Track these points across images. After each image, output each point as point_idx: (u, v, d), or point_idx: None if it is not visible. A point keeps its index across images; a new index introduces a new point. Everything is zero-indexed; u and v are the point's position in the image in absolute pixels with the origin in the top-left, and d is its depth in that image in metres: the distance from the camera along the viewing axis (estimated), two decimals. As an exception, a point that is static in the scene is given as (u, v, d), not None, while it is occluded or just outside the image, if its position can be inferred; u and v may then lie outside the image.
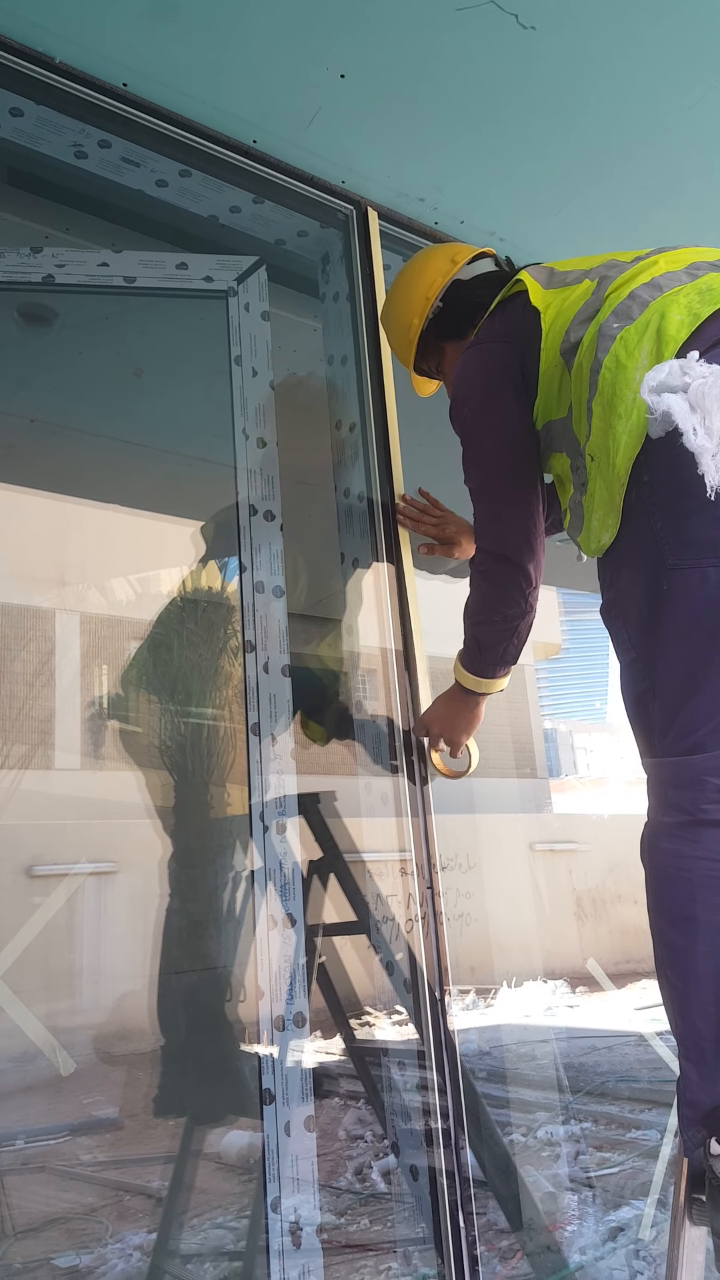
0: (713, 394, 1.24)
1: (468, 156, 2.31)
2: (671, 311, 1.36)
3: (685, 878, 1.32)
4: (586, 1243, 2.58)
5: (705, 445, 1.22)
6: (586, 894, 9.76)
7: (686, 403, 1.24)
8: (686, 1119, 1.28)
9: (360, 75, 2.06)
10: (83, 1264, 2.63)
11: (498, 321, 1.70)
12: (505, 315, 1.69)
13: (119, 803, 6.24)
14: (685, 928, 1.31)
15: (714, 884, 1.30)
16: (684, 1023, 1.31)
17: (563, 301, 1.56)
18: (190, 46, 1.97)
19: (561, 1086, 4.74)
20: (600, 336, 1.42)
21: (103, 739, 7.13)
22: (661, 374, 1.27)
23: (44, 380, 2.99)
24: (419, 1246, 2.30)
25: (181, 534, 3.10)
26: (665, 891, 1.35)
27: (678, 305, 1.37)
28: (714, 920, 1.29)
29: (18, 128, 2.04)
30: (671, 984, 1.33)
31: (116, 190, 2.24)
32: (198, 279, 2.24)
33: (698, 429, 1.23)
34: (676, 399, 1.25)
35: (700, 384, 1.25)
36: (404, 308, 1.91)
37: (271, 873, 1.85)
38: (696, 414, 1.23)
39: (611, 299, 1.46)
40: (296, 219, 2.37)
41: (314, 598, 2.41)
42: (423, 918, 1.89)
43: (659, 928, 1.36)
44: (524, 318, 1.62)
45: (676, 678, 1.36)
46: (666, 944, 1.34)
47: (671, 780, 1.37)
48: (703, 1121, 1.27)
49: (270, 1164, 1.67)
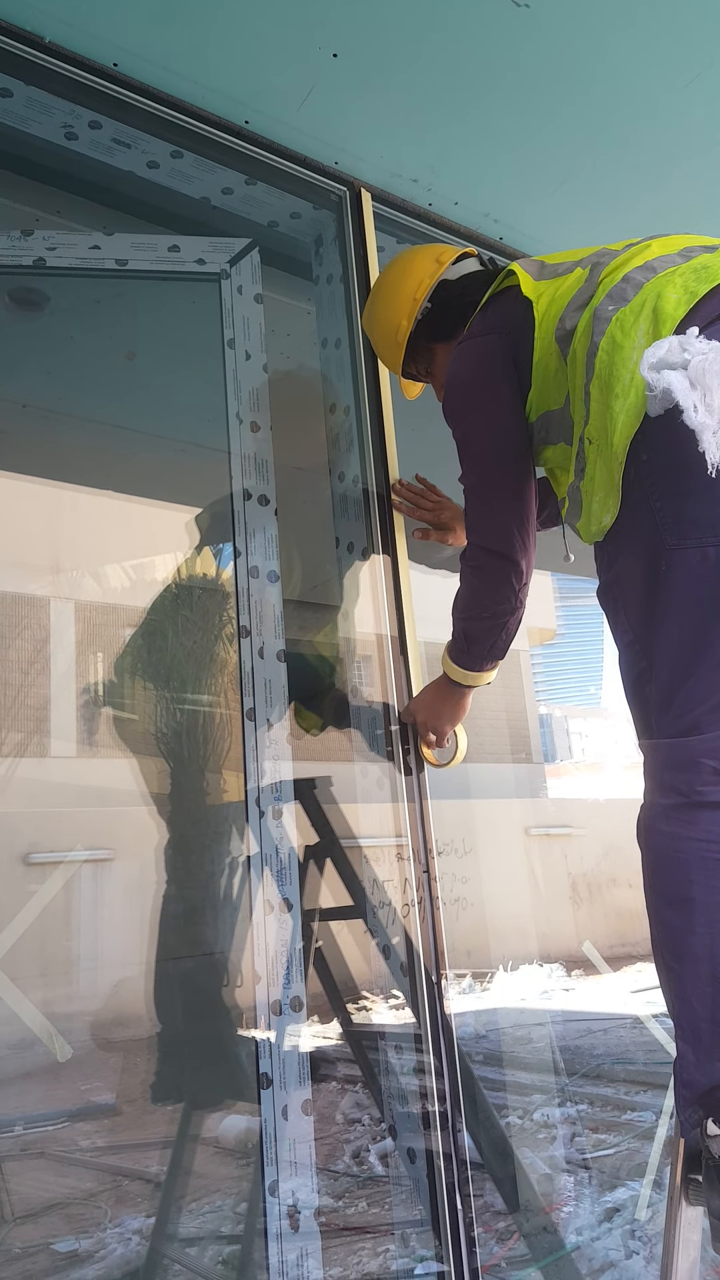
0: (713, 370, 1.23)
1: (462, 137, 2.29)
2: (668, 291, 1.35)
3: (681, 859, 1.33)
4: (583, 1223, 2.60)
5: (706, 422, 1.21)
6: (582, 878, 9.81)
7: (687, 379, 1.23)
8: (683, 1099, 1.29)
9: (353, 54, 2.04)
10: (82, 1249, 2.64)
11: (489, 315, 1.68)
12: (497, 308, 1.67)
13: (115, 790, 6.24)
14: (682, 909, 1.31)
15: (710, 865, 1.31)
16: (680, 1004, 1.31)
17: (555, 290, 1.55)
18: (182, 25, 1.95)
19: (557, 1069, 4.77)
20: (595, 320, 1.41)
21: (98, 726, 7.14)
22: (661, 350, 1.26)
23: (36, 365, 2.96)
24: (416, 1229, 2.31)
25: (176, 520, 3.09)
26: (662, 873, 1.36)
27: (674, 284, 1.36)
28: (710, 901, 1.29)
29: (7, 109, 2.02)
30: (668, 965, 1.34)
31: (108, 172, 2.22)
32: (190, 261, 2.22)
33: (698, 405, 1.22)
34: (676, 375, 1.24)
35: (700, 360, 1.23)
36: (391, 310, 1.87)
37: (268, 858, 1.85)
38: (697, 390, 1.22)
39: (606, 283, 1.45)
40: (289, 200, 2.35)
41: (309, 584, 2.40)
42: (419, 902, 1.89)
43: (655, 909, 1.36)
44: (516, 309, 1.60)
45: (674, 659, 1.35)
46: (663, 925, 1.34)
47: (667, 762, 1.37)
48: (699, 1102, 1.27)
49: (268, 1148, 1.68)
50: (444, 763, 1.99)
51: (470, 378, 1.65)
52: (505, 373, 1.59)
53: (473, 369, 1.65)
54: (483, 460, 1.64)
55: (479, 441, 1.64)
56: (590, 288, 1.48)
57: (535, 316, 1.55)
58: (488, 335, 1.64)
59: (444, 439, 1.72)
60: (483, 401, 1.63)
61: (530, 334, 1.55)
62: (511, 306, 1.61)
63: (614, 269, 1.47)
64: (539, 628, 13.37)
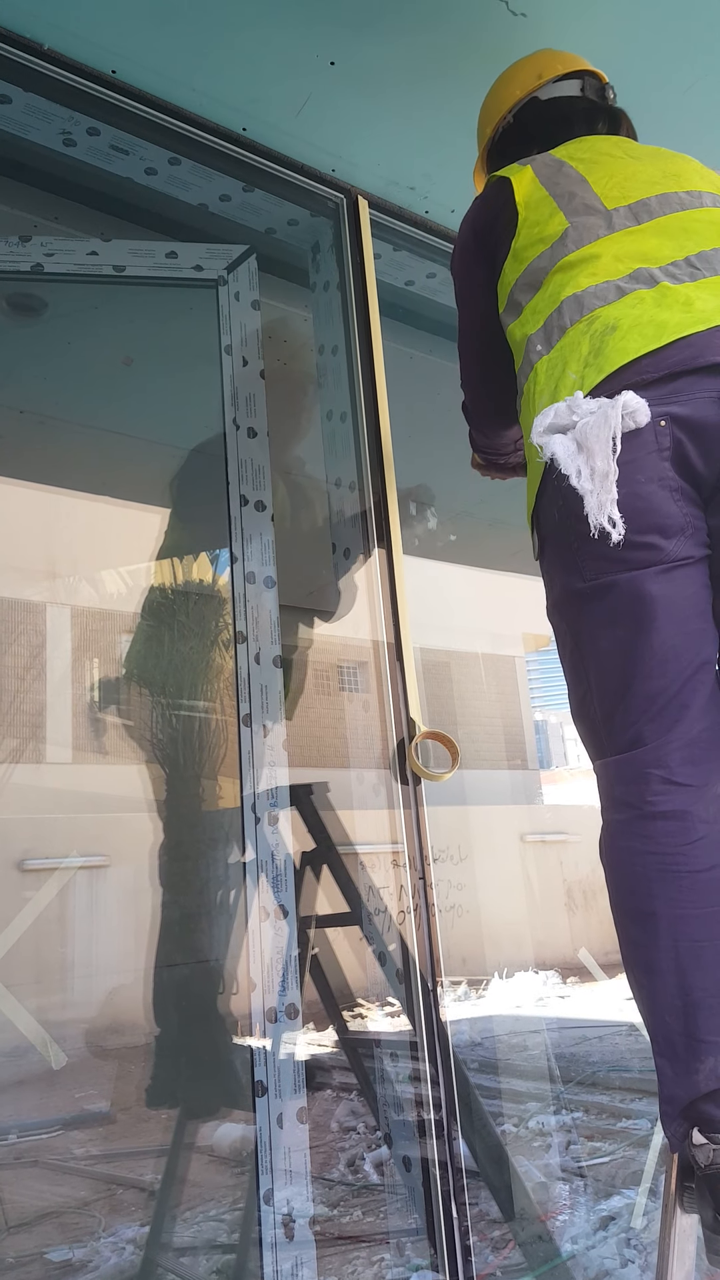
0: (594, 434, 1.27)
1: (458, 144, 2.29)
2: (583, 350, 1.38)
3: (640, 874, 1.31)
4: (578, 1232, 2.59)
5: (588, 488, 1.27)
6: (578, 884, 9.79)
7: (574, 443, 1.29)
8: (666, 1114, 1.27)
9: (350, 62, 2.05)
10: (75, 1257, 2.62)
11: (495, 190, 1.65)
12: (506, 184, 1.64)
13: (110, 796, 6.23)
14: (646, 923, 1.29)
15: (669, 877, 1.29)
16: (654, 1019, 1.29)
17: (540, 217, 1.55)
18: (180, 33, 1.95)
19: (553, 1076, 4.76)
20: (544, 327, 1.47)
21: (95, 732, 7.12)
22: (548, 418, 1.33)
23: (33, 371, 2.97)
24: (412, 1237, 2.30)
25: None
26: (624, 889, 1.34)
27: (577, 356, 1.39)
28: (673, 914, 1.27)
29: (6, 115, 2.03)
30: (639, 981, 1.32)
31: (105, 178, 2.22)
32: (187, 268, 2.22)
33: (581, 470, 1.28)
34: (561, 442, 1.30)
35: (584, 423, 1.29)
36: (485, 114, 1.88)
37: (264, 864, 1.84)
38: (583, 454, 1.28)
39: (557, 287, 1.47)
40: (287, 207, 2.35)
41: (295, 518, 2.40)
42: (415, 909, 1.89)
43: (622, 925, 1.35)
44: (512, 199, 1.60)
45: (609, 678, 1.36)
46: (630, 941, 1.33)
47: (617, 777, 1.36)
48: (682, 1115, 1.26)
49: (263, 1156, 1.67)
50: (436, 776, 1.98)
51: (463, 233, 1.70)
52: (485, 244, 1.64)
53: (466, 225, 1.70)
54: (459, 313, 1.75)
55: (458, 296, 1.74)
56: (548, 262, 1.50)
57: (516, 229, 1.57)
58: (483, 200, 1.66)
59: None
60: (460, 259, 1.72)
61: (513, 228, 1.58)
62: (510, 195, 1.61)
63: (565, 281, 1.47)
64: (534, 634, 13.37)
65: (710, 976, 1.25)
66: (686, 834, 1.29)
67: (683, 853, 1.29)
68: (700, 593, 1.35)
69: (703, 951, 1.26)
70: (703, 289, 1.36)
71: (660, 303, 1.36)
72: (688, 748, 1.31)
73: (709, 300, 1.34)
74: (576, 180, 1.55)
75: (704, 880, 1.28)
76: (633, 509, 1.29)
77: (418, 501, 3.16)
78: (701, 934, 1.26)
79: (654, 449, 1.30)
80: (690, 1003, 1.25)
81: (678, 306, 1.34)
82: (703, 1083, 1.23)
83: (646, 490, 1.30)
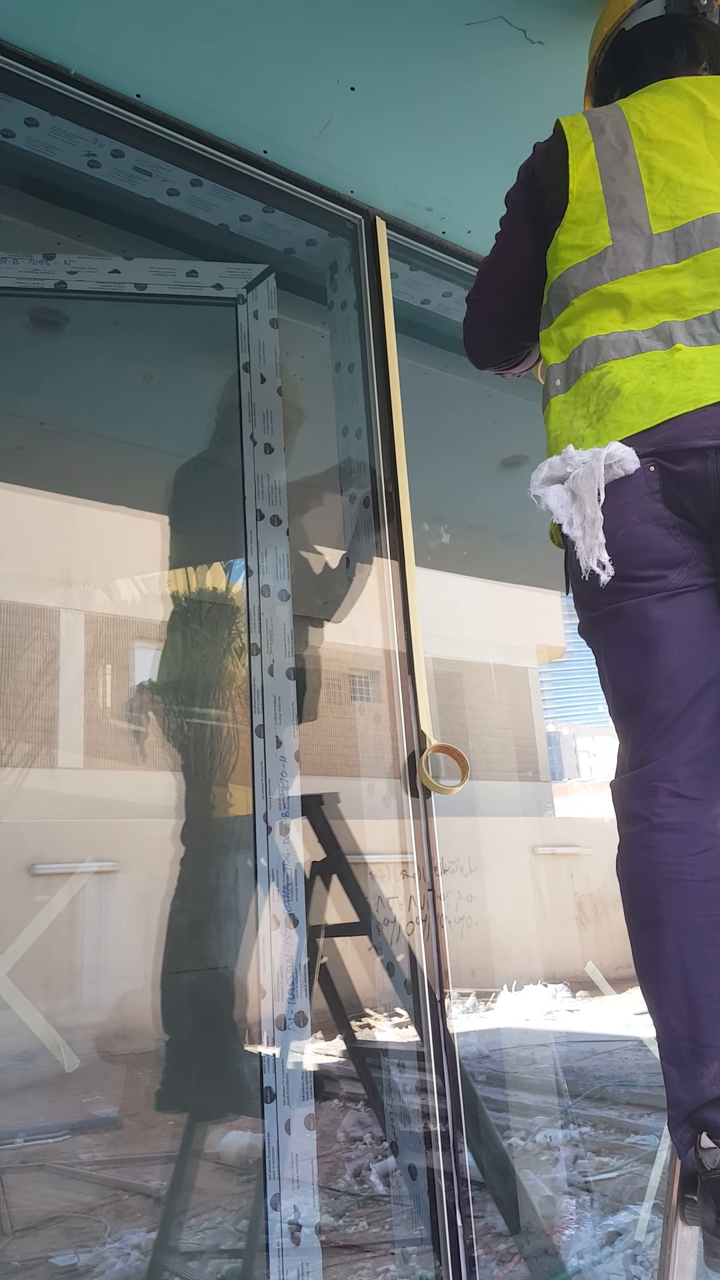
0: (583, 484, 1.36)
1: (476, 167, 2.33)
2: (578, 421, 1.44)
3: (648, 884, 1.36)
4: (584, 1247, 2.59)
5: (579, 535, 1.36)
6: (588, 898, 9.75)
7: (568, 493, 1.38)
8: (673, 1120, 1.30)
9: (370, 87, 2.08)
10: (81, 1262, 2.64)
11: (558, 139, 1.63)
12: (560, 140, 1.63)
13: (121, 802, 6.26)
14: (653, 932, 1.34)
15: (675, 886, 1.33)
16: (662, 1025, 1.33)
17: (587, 217, 1.53)
18: (202, 58, 2.00)
19: (560, 1090, 4.75)
20: (565, 363, 1.50)
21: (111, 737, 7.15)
22: (544, 471, 1.42)
23: (54, 384, 3.01)
24: (417, 1248, 2.31)
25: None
26: (634, 900, 1.39)
27: (584, 412, 1.43)
28: (679, 921, 1.32)
29: (32, 137, 2.07)
30: (648, 988, 1.36)
31: (128, 198, 2.26)
32: (208, 286, 2.26)
33: (574, 519, 1.37)
34: (555, 493, 1.40)
35: (576, 474, 1.37)
36: (590, 47, 1.84)
37: (274, 873, 1.87)
38: (576, 502, 1.36)
39: (580, 326, 1.49)
40: (306, 228, 2.39)
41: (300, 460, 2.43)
42: (424, 920, 1.91)
43: (633, 935, 1.39)
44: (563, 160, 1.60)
45: (624, 697, 1.43)
46: (640, 950, 1.37)
47: (629, 791, 1.42)
48: (688, 1121, 1.28)
49: (271, 1162, 1.69)
50: (447, 789, 2.00)
51: (519, 174, 1.71)
52: (531, 196, 1.66)
53: (522, 168, 1.71)
54: (495, 243, 1.74)
55: (500, 230, 1.74)
56: (581, 281, 1.51)
57: (568, 201, 1.57)
58: (538, 154, 1.67)
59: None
60: (510, 201, 1.72)
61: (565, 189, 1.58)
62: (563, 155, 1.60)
63: (597, 309, 1.48)
64: (547, 645, 13.35)
65: (715, 983, 1.29)
66: (693, 845, 1.34)
67: (689, 863, 1.34)
68: (707, 617, 1.40)
69: (708, 959, 1.30)
70: (712, 354, 1.39)
71: (665, 366, 1.40)
72: (695, 763, 1.37)
73: (710, 368, 1.37)
74: (633, 180, 1.52)
75: (709, 890, 1.33)
76: (631, 547, 1.37)
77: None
78: (706, 941, 1.31)
79: (645, 491, 1.37)
80: (695, 1009, 1.28)
81: (679, 375, 1.38)
82: (708, 1088, 1.26)
83: (643, 530, 1.37)
